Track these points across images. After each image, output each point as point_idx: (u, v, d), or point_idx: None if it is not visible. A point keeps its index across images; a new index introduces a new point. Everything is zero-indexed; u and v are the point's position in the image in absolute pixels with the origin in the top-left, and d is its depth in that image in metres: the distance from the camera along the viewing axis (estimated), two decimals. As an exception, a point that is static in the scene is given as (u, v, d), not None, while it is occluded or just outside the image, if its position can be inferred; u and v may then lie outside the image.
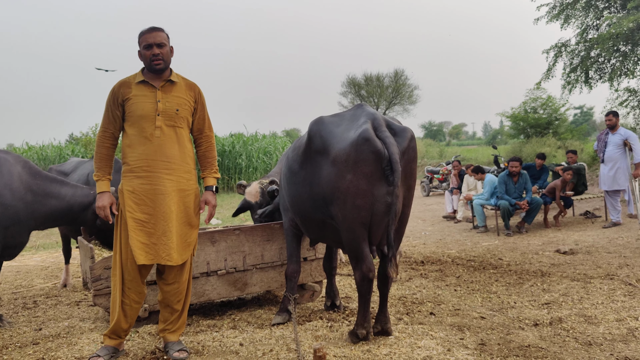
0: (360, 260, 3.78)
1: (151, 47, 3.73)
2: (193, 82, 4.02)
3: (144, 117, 3.74)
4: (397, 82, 46.35)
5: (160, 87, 3.81)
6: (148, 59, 3.75)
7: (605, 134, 9.77)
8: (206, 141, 4.08)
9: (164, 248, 3.68)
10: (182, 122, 3.85)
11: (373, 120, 3.76)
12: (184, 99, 3.86)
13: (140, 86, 3.80)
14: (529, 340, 3.98)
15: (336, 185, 3.71)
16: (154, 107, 3.75)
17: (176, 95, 3.84)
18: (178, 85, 3.87)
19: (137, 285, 3.77)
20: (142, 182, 3.71)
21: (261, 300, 5.50)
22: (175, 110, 3.79)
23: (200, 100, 4.00)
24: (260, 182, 5.59)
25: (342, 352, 3.65)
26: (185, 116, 3.87)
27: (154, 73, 3.82)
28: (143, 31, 3.79)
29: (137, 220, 3.67)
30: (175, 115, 3.79)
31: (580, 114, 53.27)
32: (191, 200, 3.88)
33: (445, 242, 9.44)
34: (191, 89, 3.95)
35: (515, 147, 23.87)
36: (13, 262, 7.99)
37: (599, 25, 15.85)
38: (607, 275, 5.98)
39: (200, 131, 4.04)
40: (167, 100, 3.79)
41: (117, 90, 3.79)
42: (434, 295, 5.48)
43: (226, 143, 23.53)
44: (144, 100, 3.76)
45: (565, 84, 16.85)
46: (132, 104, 3.76)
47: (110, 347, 3.76)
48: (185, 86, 3.92)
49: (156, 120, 3.73)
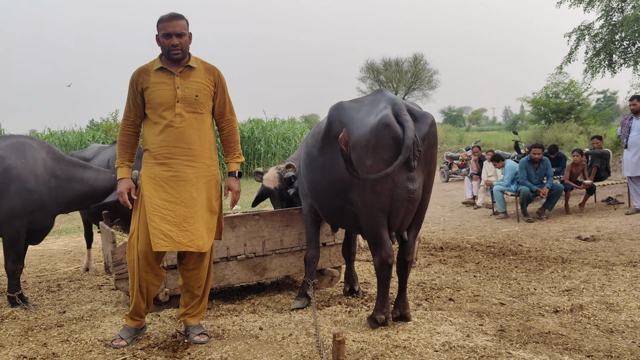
0: (379, 246, 3.78)
1: (170, 36, 3.67)
2: (212, 65, 3.94)
3: (163, 105, 3.70)
4: (416, 67, 46.05)
5: (178, 73, 3.75)
6: (167, 48, 3.69)
7: (629, 119, 9.60)
8: (228, 125, 4.02)
9: (184, 234, 3.64)
10: (202, 108, 3.80)
11: (393, 105, 3.73)
12: (203, 84, 3.80)
13: (159, 73, 3.75)
14: (549, 326, 3.95)
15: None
16: (173, 94, 3.71)
17: (195, 80, 3.78)
18: (197, 70, 3.81)
19: (153, 269, 3.77)
20: (163, 169, 3.69)
21: (280, 285, 5.54)
22: (194, 96, 3.74)
23: (220, 84, 3.92)
24: (278, 167, 5.60)
25: (361, 337, 3.67)
26: (206, 101, 3.82)
27: (174, 62, 3.77)
28: (163, 18, 3.71)
29: (155, 205, 3.63)
30: (195, 101, 3.74)
31: (603, 99, 52.36)
32: (212, 187, 3.85)
33: (465, 228, 9.39)
34: (210, 72, 3.88)
35: (536, 133, 23.54)
36: (37, 246, 8.11)
37: (624, 7, 15.50)
38: (629, 262, 5.91)
39: (221, 115, 3.99)
40: (186, 87, 3.74)
41: (137, 78, 3.77)
42: (453, 281, 5.47)
43: (245, 129, 23.57)
44: (163, 88, 3.72)
45: (588, 68, 16.55)
46: (151, 91, 3.72)
47: (132, 329, 3.81)
48: (204, 70, 3.85)
49: (176, 107, 3.70)
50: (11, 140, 4.79)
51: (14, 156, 4.65)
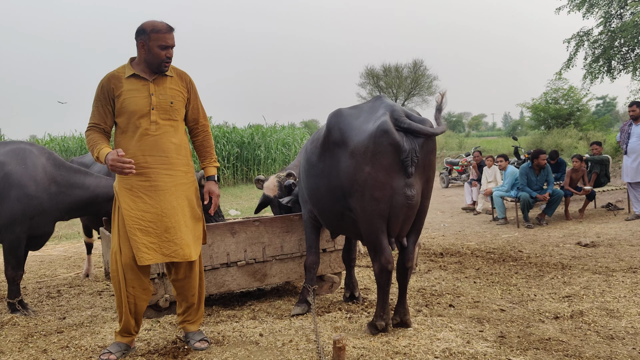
0: (379, 252, 3.79)
1: (167, 48, 3.59)
2: (183, 71, 3.85)
3: (137, 113, 3.58)
4: (416, 73, 46.13)
5: (152, 80, 3.64)
6: (161, 60, 3.59)
7: (629, 125, 9.61)
8: (203, 130, 3.95)
9: (167, 245, 3.55)
10: (177, 115, 3.71)
11: (392, 112, 3.75)
12: (177, 91, 3.72)
13: (132, 80, 3.62)
14: (550, 333, 3.95)
15: (355, 177, 3.72)
16: (147, 101, 3.59)
17: (169, 87, 3.68)
18: (170, 77, 3.72)
19: (140, 283, 3.66)
20: (140, 179, 3.56)
21: (280, 291, 5.54)
22: (169, 103, 3.65)
23: (192, 90, 3.85)
24: (278, 175, 5.61)
25: (361, 344, 3.67)
26: (180, 108, 3.73)
27: (155, 72, 3.67)
28: (160, 28, 3.59)
29: (135, 218, 3.52)
30: (170, 108, 3.65)
31: (602, 105, 52.40)
32: (192, 193, 3.78)
33: (465, 234, 9.39)
34: (182, 78, 3.80)
35: (535, 139, 23.58)
36: (37, 252, 8.11)
37: (623, 14, 15.56)
38: (629, 268, 5.91)
39: (195, 121, 3.91)
40: (161, 93, 3.64)
41: (107, 84, 3.61)
42: (453, 287, 5.47)
43: (245, 134, 23.59)
44: (137, 95, 3.59)
45: (587, 74, 16.60)
46: (125, 99, 3.59)
47: (122, 344, 3.69)
48: (177, 76, 3.77)
49: (151, 115, 3.58)
50: (11, 146, 4.80)
51: (14, 162, 4.66)
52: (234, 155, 22.32)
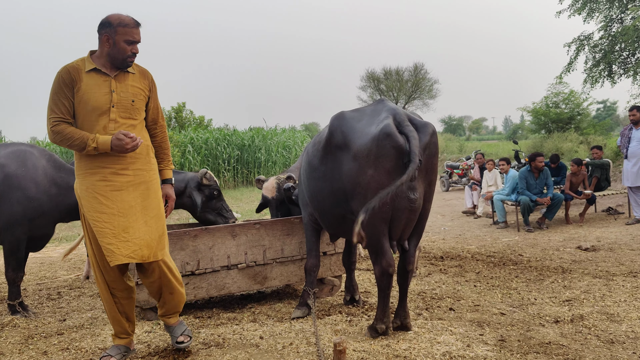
0: (380, 255, 3.79)
1: (134, 44, 3.44)
2: (145, 68, 3.69)
3: (96, 110, 3.39)
4: (416, 76, 46.18)
5: (114, 75, 3.46)
6: (126, 55, 3.42)
7: (629, 129, 9.62)
8: (161, 131, 3.81)
9: (125, 246, 3.37)
10: (138, 114, 3.55)
11: (395, 115, 3.75)
12: (139, 89, 3.55)
13: (92, 75, 3.42)
14: (550, 337, 3.95)
15: (357, 180, 3.72)
16: (107, 98, 3.41)
17: (131, 84, 3.52)
18: (132, 74, 3.56)
19: (121, 283, 3.58)
20: (97, 179, 3.41)
21: (281, 294, 5.54)
22: (130, 101, 3.48)
23: (153, 89, 3.70)
24: (278, 177, 5.62)
25: (361, 347, 3.67)
26: (141, 107, 3.57)
27: (117, 68, 3.49)
28: (128, 22, 3.43)
29: (93, 220, 3.38)
30: (131, 107, 3.49)
31: (603, 109, 52.46)
32: (154, 192, 3.59)
33: (465, 237, 9.39)
34: (145, 76, 3.64)
35: (536, 142, 23.60)
36: (37, 253, 8.12)
37: (623, 18, 15.58)
38: (630, 272, 5.91)
39: (154, 122, 3.75)
40: (122, 90, 3.47)
41: (67, 77, 3.38)
42: (454, 290, 5.47)
43: (245, 137, 23.62)
44: (97, 91, 3.40)
45: (587, 78, 16.62)
46: (84, 94, 3.38)
47: (121, 346, 3.64)
48: (139, 74, 3.60)
49: (110, 113, 3.41)
50: (12, 148, 4.80)
51: (14, 164, 4.66)
52: (234, 158, 22.35)
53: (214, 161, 21.67)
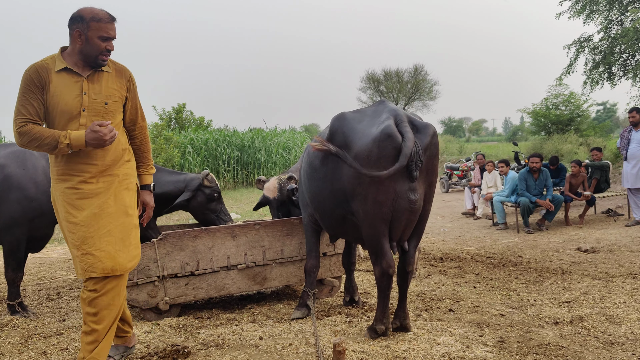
0: (380, 256, 3.79)
1: (108, 40, 3.19)
2: (123, 65, 3.42)
3: (66, 114, 3.15)
4: (416, 78, 46.19)
5: (86, 76, 3.21)
6: (99, 52, 3.17)
7: (629, 131, 9.63)
8: (140, 133, 3.55)
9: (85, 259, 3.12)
10: (112, 118, 3.27)
11: (395, 117, 3.76)
12: (113, 89, 3.29)
13: (62, 75, 3.18)
14: (549, 338, 3.95)
15: (358, 181, 3.72)
16: (78, 100, 3.16)
17: (106, 85, 3.26)
18: (107, 74, 3.30)
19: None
20: (67, 186, 3.18)
21: (280, 295, 5.54)
22: (103, 104, 3.22)
23: (132, 87, 3.44)
24: (279, 177, 5.62)
25: (360, 348, 3.67)
26: (116, 109, 3.32)
27: (90, 66, 3.24)
28: (102, 17, 3.18)
29: (63, 228, 3.21)
30: (104, 110, 3.23)
31: (603, 110, 52.52)
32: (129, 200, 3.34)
33: (465, 238, 9.39)
34: (122, 75, 3.37)
35: (536, 144, 23.62)
36: (37, 254, 8.12)
37: (623, 20, 15.60)
38: (629, 274, 5.91)
39: (133, 122, 3.49)
40: (95, 93, 3.21)
41: (36, 76, 3.13)
42: (453, 292, 5.47)
43: (245, 138, 23.61)
44: (67, 93, 3.15)
45: (587, 80, 16.63)
46: (53, 97, 3.14)
47: (120, 346, 3.60)
48: (115, 73, 3.34)
49: (81, 117, 3.16)
50: (12, 149, 4.80)
51: (14, 164, 4.66)
52: (234, 159, 22.34)
53: (214, 162, 21.66)
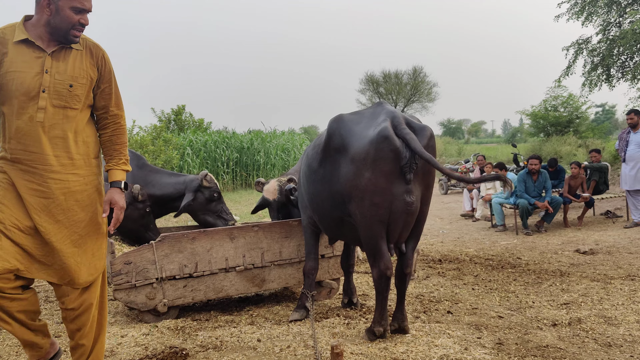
0: (378, 258, 3.79)
1: (83, 12, 2.80)
2: (96, 42, 2.98)
3: (22, 94, 2.73)
4: (415, 80, 46.23)
5: (51, 51, 2.79)
6: (70, 25, 2.76)
7: (627, 133, 9.63)
8: (113, 122, 3.06)
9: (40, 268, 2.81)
10: (78, 102, 2.86)
11: (392, 119, 3.76)
12: (82, 70, 2.87)
13: (22, 47, 2.75)
14: (547, 340, 3.95)
15: (355, 183, 3.73)
16: (38, 79, 2.74)
17: (72, 64, 2.84)
18: (76, 51, 2.88)
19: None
20: (25, 179, 2.79)
21: (279, 297, 5.54)
22: (67, 85, 2.80)
23: (105, 68, 2.99)
24: (279, 180, 5.62)
25: (359, 350, 3.67)
26: (83, 93, 2.88)
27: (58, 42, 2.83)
28: None
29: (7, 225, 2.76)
30: (68, 93, 2.81)
31: (602, 112, 52.56)
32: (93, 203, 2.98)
33: (463, 240, 9.39)
34: (92, 53, 2.93)
35: (535, 146, 23.67)
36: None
37: (622, 22, 15.62)
38: (628, 276, 5.91)
39: (105, 109, 3.02)
40: (59, 72, 2.79)
41: None
42: (452, 293, 5.47)
43: (244, 140, 23.61)
44: (24, 70, 2.73)
45: (586, 82, 16.65)
46: (7, 72, 2.72)
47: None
48: (86, 51, 2.92)
49: (40, 99, 2.74)
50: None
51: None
52: (233, 161, 22.34)
53: (213, 164, 21.64)
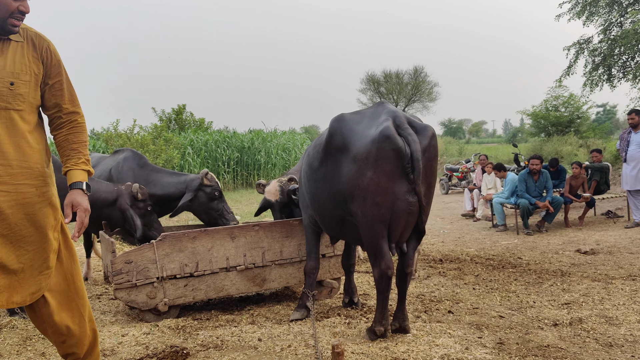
0: (379, 258, 3.79)
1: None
2: (40, 33, 2.71)
3: None
4: (416, 79, 46.18)
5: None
6: (7, 13, 2.50)
7: (628, 133, 9.62)
8: (68, 121, 2.79)
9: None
10: (21, 102, 2.59)
11: (394, 118, 3.76)
12: (24, 65, 2.61)
13: None
14: (548, 340, 3.95)
15: (356, 182, 3.72)
16: None
17: (12, 59, 2.58)
18: (17, 45, 2.62)
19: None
20: None
21: (279, 296, 5.53)
22: (8, 83, 2.54)
23: (53, 62, 2.72)
24: (280, 180, 5.62)
25: (360, 349, 3.67)
26: (28, 91, 2.62)
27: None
28: None
29: None
30: (9, 92, 2.54)
31: (603, 112, 52.55)
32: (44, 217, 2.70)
33: (464, 240, 9.39)
34: (35, 45, 2.66)
35: (535, 146, 23.64)
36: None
37: (623, 22, 15.61)
38: (629, 276, 5.91)
39: (57, 107, 2.77)
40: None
41: None
42: (452, 293, 5.46)
43: (245, 139, 23.62)
44: None
45: (587, 82, 16.64)
46: None
47: None
48: (28, 43, 2.65)
49: None
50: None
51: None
52: (234, 160, 22.35)
53: (214, 163, 21.66)
